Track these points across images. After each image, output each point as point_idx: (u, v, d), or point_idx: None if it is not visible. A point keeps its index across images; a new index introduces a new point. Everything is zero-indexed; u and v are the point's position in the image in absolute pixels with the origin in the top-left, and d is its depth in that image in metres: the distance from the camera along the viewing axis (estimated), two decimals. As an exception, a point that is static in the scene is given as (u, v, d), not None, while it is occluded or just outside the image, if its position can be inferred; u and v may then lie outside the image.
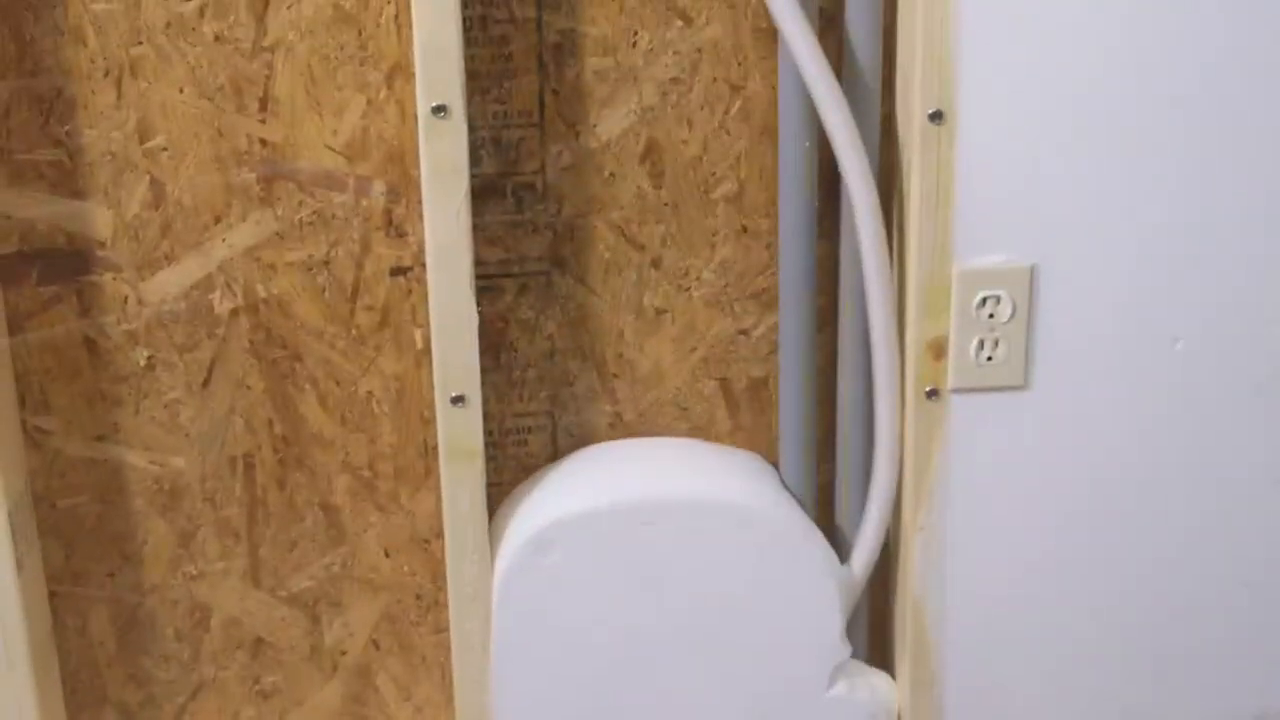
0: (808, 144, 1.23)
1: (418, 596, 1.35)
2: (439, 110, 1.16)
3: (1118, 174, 1.23)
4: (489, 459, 1.28)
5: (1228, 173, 1.24)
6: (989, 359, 1.27)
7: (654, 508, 1.27)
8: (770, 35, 1.24)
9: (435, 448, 1.30)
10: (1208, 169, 1.24)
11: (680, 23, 1.24)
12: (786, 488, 1.32)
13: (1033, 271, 1.25)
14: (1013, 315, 1.26)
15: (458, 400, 1.23)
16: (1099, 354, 1.28)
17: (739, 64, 1.25)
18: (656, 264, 1.29)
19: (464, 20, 1.20)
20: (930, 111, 1.20)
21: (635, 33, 1.24)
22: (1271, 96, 1.23)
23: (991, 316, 1.26)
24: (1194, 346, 1.28)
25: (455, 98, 1.16)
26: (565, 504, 1.28)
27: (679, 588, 1.29)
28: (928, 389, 1.27)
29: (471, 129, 1.23)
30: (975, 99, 1.21)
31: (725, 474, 1.31)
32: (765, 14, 1.24)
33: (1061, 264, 1.25)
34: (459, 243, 1.20)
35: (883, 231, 1.23)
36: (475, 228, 1.24)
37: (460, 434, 1.24)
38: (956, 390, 1.27)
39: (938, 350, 1.26)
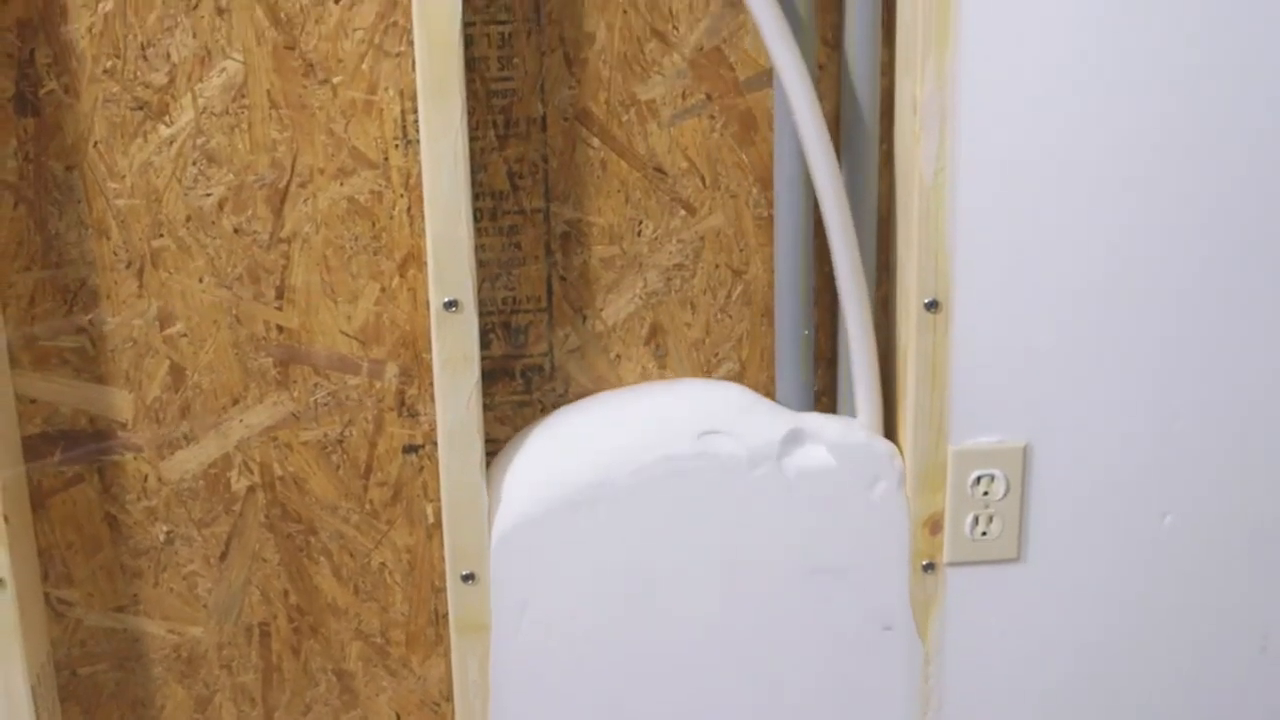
0: (806, 332, 1.22)
1: (428, 757, 1.33)
2: (451, 305, 1.15)
3: (1108, 358, 1.22)
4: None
5: (1212, 355, 1.23)
6: (983, 534, 1.25)
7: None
8: (770, 223, 1.23)
9: (446, 615, 1.28)
10: (1193, 352, 1.23)
11: (684, 212, 1.22)
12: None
13: (1026, 451, 1.23)
14: (1006, 493, 1.24)
15: (468, 578, 1.21)
16: (1090, 528, 1.26)
17: (740, 250, 1.24)
18: (660, 440, 1.28)
19: (474, 212, 1.18)
20: (926, 301, 1.19)
21: (640, 222, 1.22)
22: (1254, 285, 1.22)
23: (986, 494, 1.24)
24: (1182, 521, 1.27)
25: (466, 292, 1.15)
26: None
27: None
28: (924, 563, 1.25)
29: (481, 315, 1.22)
30: (970, 289, 1.19)
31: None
32: (766, 203, 1.22)
33: (1054, 443, 1.24)
34: (469, 427, 1.18)
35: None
36: (485, 407, 1.22)
37: (470, 609, 1.22)
38: (952, 564, 1.25)
39: (934, 525, 1.24)
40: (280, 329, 1.21)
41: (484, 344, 1.23)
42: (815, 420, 1.23)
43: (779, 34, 1.13)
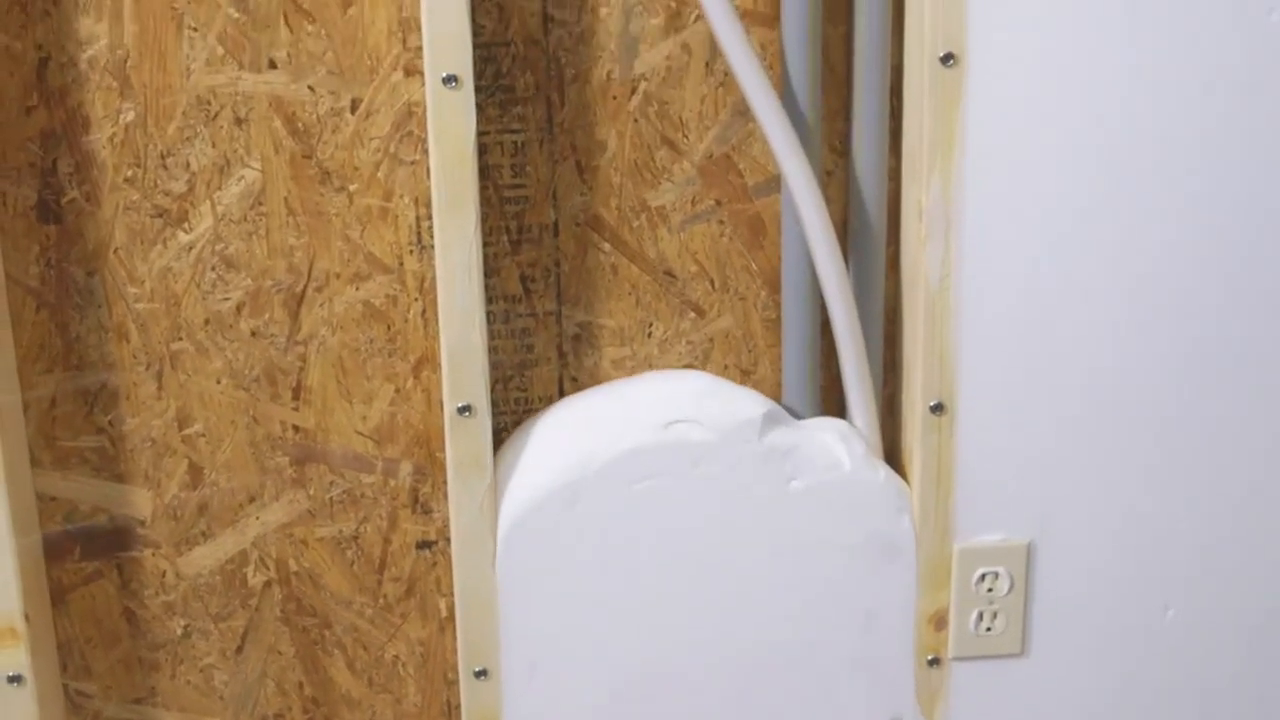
0: (815, 433, 1.23)
1: (440, 843, 1.33)
2: (464, 410, 1.16)
3: (1110, 457, 1.23)
4: None
5: (1211, 452, 1.24)
6: (988, 629, 1.25)
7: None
8: (778, 324, 1.24)
9: (458, 707, 1.29)
10: (1192, 450, 1.23)
11: (693, 315, 1.23)
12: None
13: (1029, 549, 1.24)
14: (1010, 589, 1.25)
15: (480, 674, 1.22)
16: (1093, 623, 1.27)
17: (749, 351, 1.25)
18: (670, 534, 1.28)
19: (487, 315, 1.19)
20: (932, 404, 1.20)
21: (650, 324, 1.23)
22: (1254, 385, 1.23)
23: (990, 590, 1.25)
24: (1183, 614, 1.27)
25: (479, 398, 1.16)
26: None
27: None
28: (929, 657, 1.25)
29: (495, 414, 1.23)
30: (975, 391, 1.20)
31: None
32: (774, 305, 1.23)
33: (1057, 541, 1.24)
34: (482, 528, 1.19)
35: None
36: (497, 504, 1.24)
37: (482, 705, 1.23)
38: (957, 658, 1.26)
39: (939, 621, 1.25)
40: (296, 429, 1.22)
41: (497, 443, 1.24)
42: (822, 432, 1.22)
43: (786, 142, 1.14)
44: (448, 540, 1.25)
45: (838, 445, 1.21)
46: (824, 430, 1.21)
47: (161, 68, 1.14)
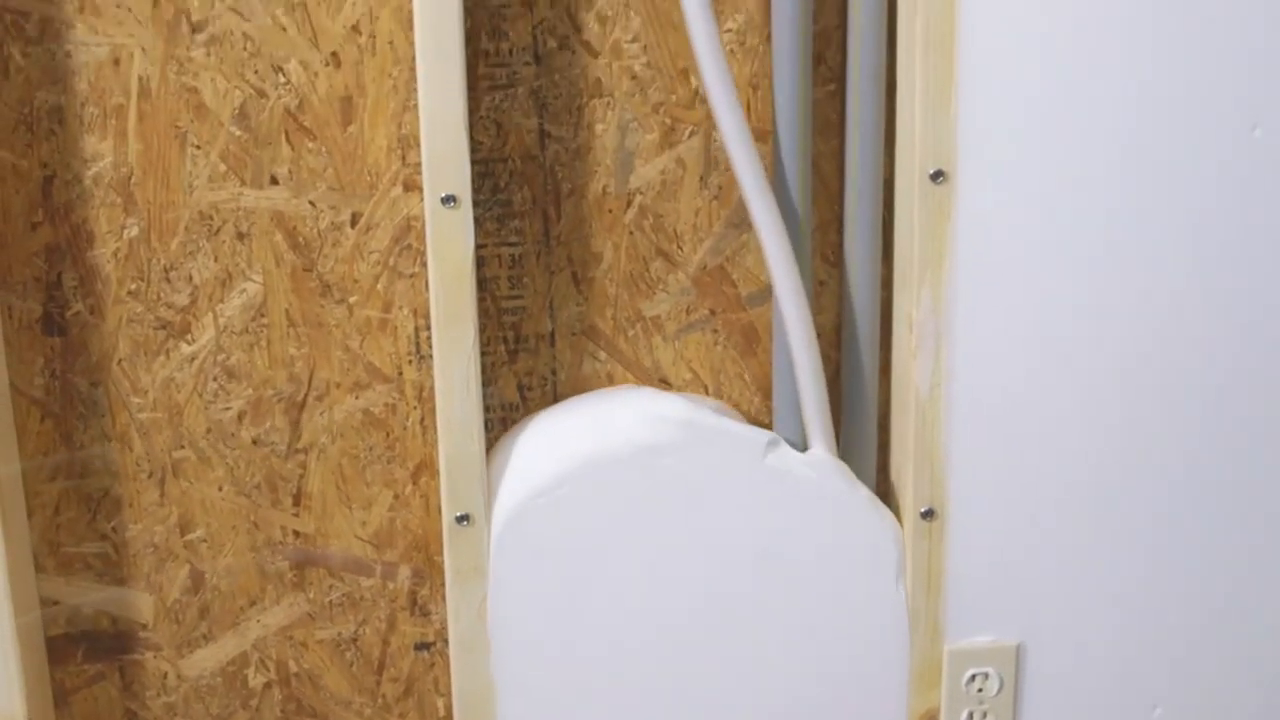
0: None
1: None
2: (462, 519, 1.17)
3: (1097, 559, 1.24)
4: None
5: (1199, 553, 1.25)
6: (978, 729, 1.27)
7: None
8: (771, 430, 1.25)
9: (456, 803, 1.30)
10: (1180, 551, 1.25)
11: (688, 420, 1.25)
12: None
13: (1019, 650, 1.25)
14: (1000, 690, 1.26)
15: (478, 776, 1.23)
16: (1082, 721, 1.28)
17: (742, 455, 1.26)
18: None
19: (485, 423, 1.20)
20: (922, 509, 1.21)
21: (645, 430, 1.25)
22: (1240, 481, 1.24)
23: (980, 691, 1.26)
24: (1170, 713, 1.28)
25: (477, 506, 1.17)
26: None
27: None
28: (921, 756, 1.27)
29: (492, 519, 1.24)
30: (964, 497, 1.21)
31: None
32: (767, 411, 1.25)
33: (1046, 641, 1.25)
34: (480, 634, 1.20)
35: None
36: (495, 606, 1.25)
37: (480, 805, 1.24)
38: (948, 757, 1.28)
39: (930, 721, 1.27)
40: (297, 534, 1.23)
41: (494, 546, 1.25)
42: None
43: (779, 254, 1.15)
44: (445, 641, 1.26)
45: (838, 478, 1.22)
46: (824, 465, 1.22)
47: (165, 184, 1.15)
